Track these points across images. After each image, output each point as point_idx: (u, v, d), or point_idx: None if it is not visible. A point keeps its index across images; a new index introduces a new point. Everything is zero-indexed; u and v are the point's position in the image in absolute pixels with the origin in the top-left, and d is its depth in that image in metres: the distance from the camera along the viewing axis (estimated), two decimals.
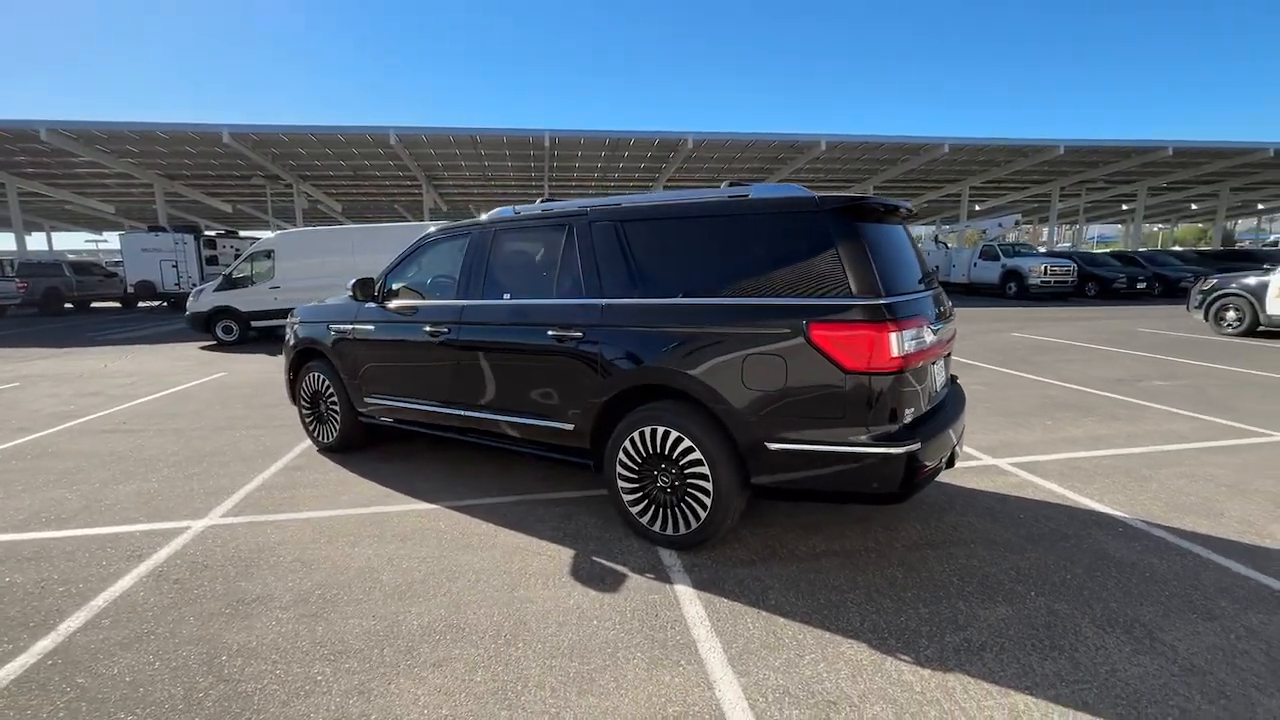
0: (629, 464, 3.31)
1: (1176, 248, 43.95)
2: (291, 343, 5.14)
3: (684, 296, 3.11)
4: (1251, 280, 10.55)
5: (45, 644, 2.54)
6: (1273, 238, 57.43)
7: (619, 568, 3.09)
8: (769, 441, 2.86)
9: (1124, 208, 40.88)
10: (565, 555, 3.23)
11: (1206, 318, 11.14)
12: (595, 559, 3.19)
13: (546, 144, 22.02)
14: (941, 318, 3.22)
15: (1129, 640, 2.46)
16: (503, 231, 3.95)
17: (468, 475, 4.43)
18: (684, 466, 3.12)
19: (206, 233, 24.08)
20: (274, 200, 27.58)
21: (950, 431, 3.07)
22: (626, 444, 3.29)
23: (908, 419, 2.76)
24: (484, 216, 4.13)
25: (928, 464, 2.80)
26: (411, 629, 2.60)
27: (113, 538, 3.52)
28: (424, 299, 4.37)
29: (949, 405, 3.29)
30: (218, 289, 12.60)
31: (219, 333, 12.43)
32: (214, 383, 8.24)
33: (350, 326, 4.61)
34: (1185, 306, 12.23)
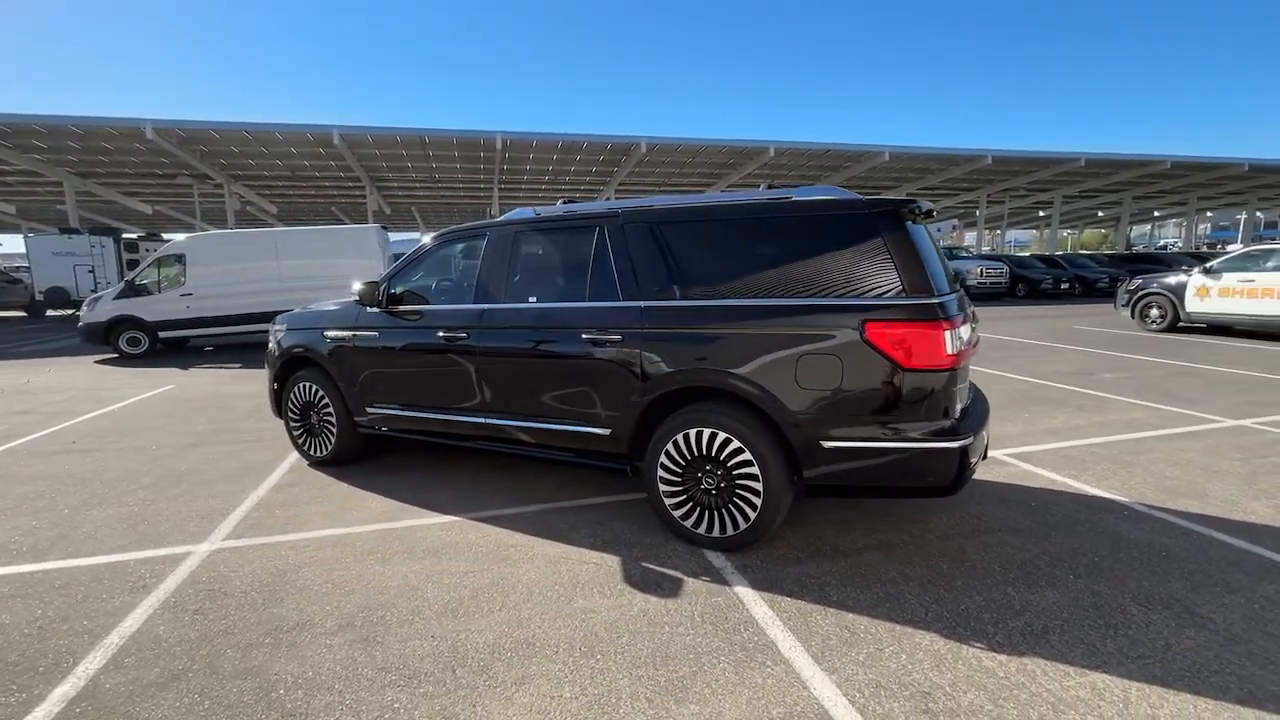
0: (671, 467, 3.28)
1: (1084, 251, 47.65)
2: (277, 352, 4.82)
3: (729, 298, 3.12)
4: (1172, 280, 11.52)
5: (65, 690, 2.28)
6: (1162, 242, 63.40)
7: (671, 572, 3.06)
8: (824, 440, 2.90)
9: (1041, 214, 43.92)
10: (612, 562, 3.17)
11: (1133, 315, 12.08)
12: (644, 564, 3.14)
13: (499, 146, 21.62)
14: (968, 319, 3.35)
15: (1171, 615, 2.63)
16: (524, 233, 3.84)
17: (480, 485, 4.28)
18: (732, 468, 3.12)
19: (126, 235, 22.36)
20: (202, 201, 25.87)
21: (984, 427, 3.20)
22: (669, 447, 3.26)
23: (957, 414, 2.86)
24: (500, 218, 4.00)
25: (973, 458, 2.91)
26: (478, 647, 2.49)
27: (106, 568, 3.20)
28: (434, 303, 4.20)
29: (976, 402, 3.43)
30: (118, 296, 11.42)
31: (123, 345, 11.27)
32: (164, 397, 7.64)
33: (350, 333, 4.38)
34: (1112, 305, 13.24)
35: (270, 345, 4.98)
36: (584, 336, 3.44)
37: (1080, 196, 36.93)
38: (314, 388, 4.61)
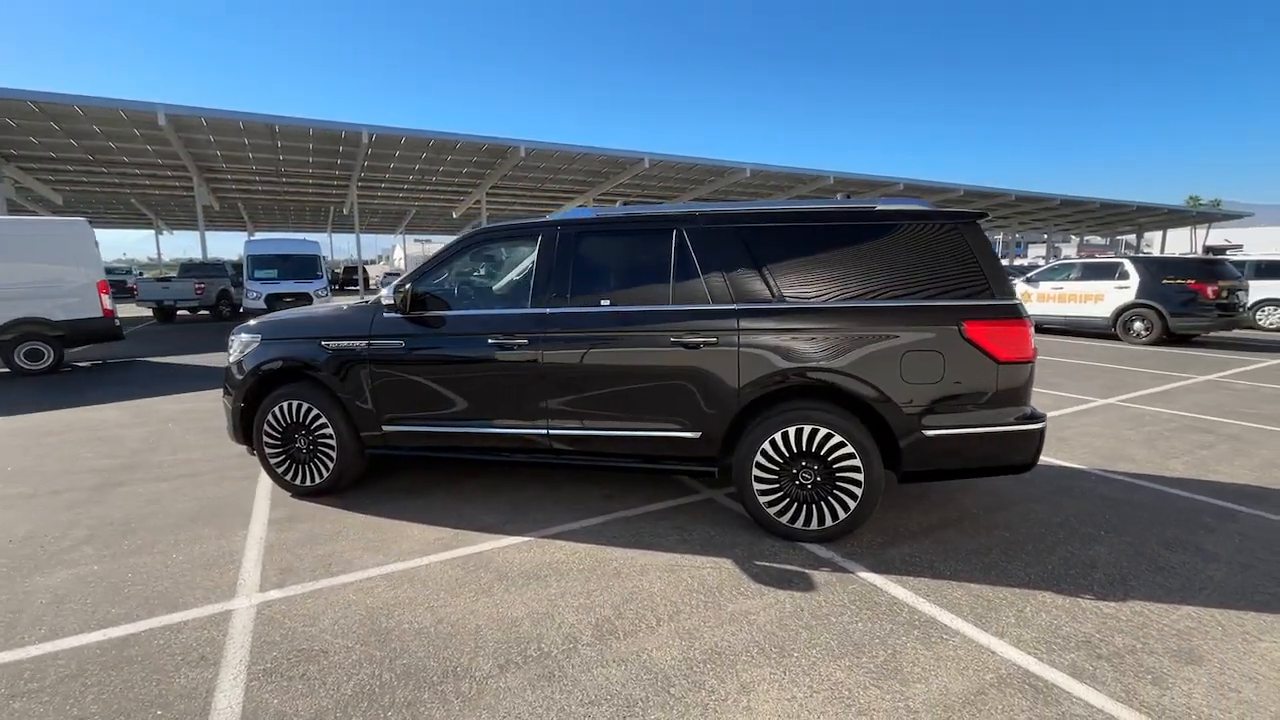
0: (767, 465, 3.36)
1: None
2: (247, 366, 4.07)
3: (826, 300, 3.28)
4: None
5: None
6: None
7: (791, 567, 3.13)
8: (926, 429, 3.17)
9: None
10: (726, 565, 3.17)
11: None
12: (757, 563, 3.18)
13: (364, 140, 19.80)
14: None
15: (1191, 554, 3.26)
16: (585, 235, 3.68)
17: (519, 502, 4.00)
18: (832, 461, 3.28)
19: None
20: None
21: None
22: (765, 445, 3.34)
23: (1032, 400, 3.29)
24: (554, 216, 3.79)
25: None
26: (670, 664, 2.37)
27: (123, 643, 2.52)
28: (467, 308, 3.86)
29: None
30: None
31: None
32: None
33: (361, 343, 3.85)
34: None
35: (233, 358, 4.20)
36: (673, 340, 3.40)
37: None
38: (304, 406, 3.97)
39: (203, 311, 19.66)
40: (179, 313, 19.13)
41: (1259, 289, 14.15)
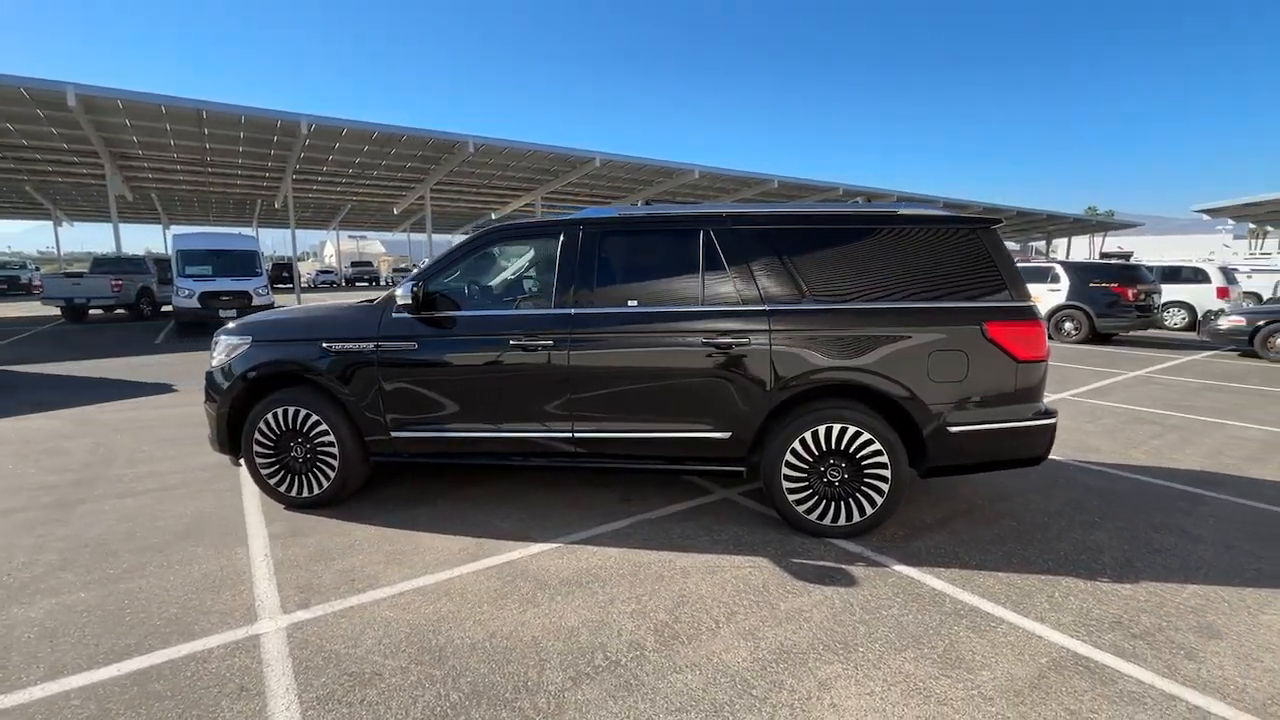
0: (797, 464, 3.42)
1: None
2: (235, 371, 3.78)
3: (855, 301, 3.36)
4: None
5: None
6: None
7: (828, 563, 3.19)
8: (950, 426, 3.31)
9: None
10: (764, 564, 3.19)
11: None
12: (794, 560, 3.23)
13: (303, 131, 18.73)
14: None
15: (1178, 536, 3.53)
16: (610, 234, 3.62)
17: (533, 508, 3.90)
18: (860, 459, 3.36)
19: None
20: None
21: None
22: (795, 445, 3.39)
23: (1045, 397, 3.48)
24: (575, 215, 3.70)
25: None
26: (742, 665, 2.37)
27: (143, 676, 2.29)
28: (482, 308, 3.73)
29: None
30: None
31: None
32: None
33: (369, 344, 3.64)
34: None
35: (217, 362, 3.88)
36: (704, 341, 3.39)
37: None
38: (303, 413, 3.73)
39: (120, 311, 18.09)
40: (92, 312, 17.50)
41: (1165, 293, 15.54)
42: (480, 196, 31.89)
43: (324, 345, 3.70)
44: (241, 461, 3.91)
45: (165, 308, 18.91)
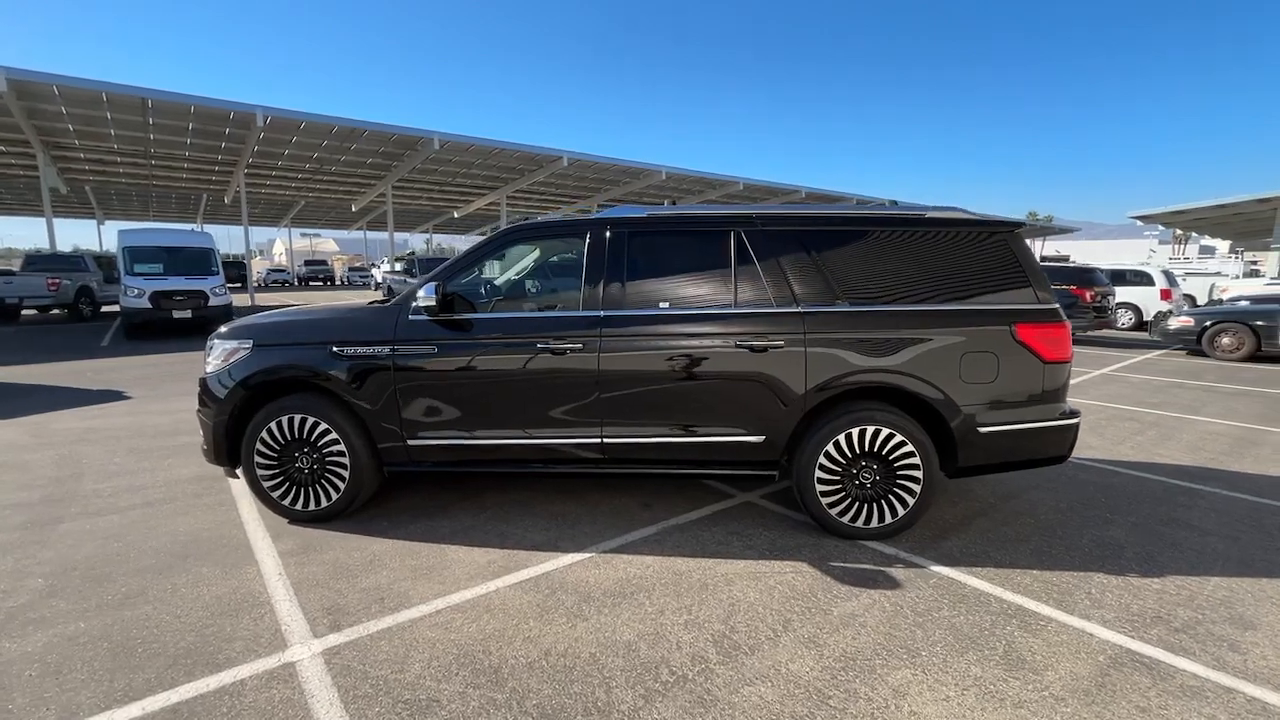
0: (830, 466, 3.40)
1: None
2: (239, 376, 3.54)
3: (887, 303, 3.37)
4: None
5: None
6: None
7: (868, 566, 3.19)
8: (980, 426, 3.35)
9: None
10: (805, 568, 3.16)
11: None
12: (833, 564, 3.21)
13: (258, 123, 17.91)
14: None
15: (1187, 530, 3.67)
16: (639, 234, 3.53)
17: (557, 517, 3.78)
18: (893, 461, 3.38)
19: None
20: None
21: None
22: (829, 447, 3.38)
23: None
24: (600, 214, 3.60)
25: None
26: (811, 674, 2.33)
27: (165, 716, 2.09)
28: (511, 310, 3.60)
29: None
30: None
31: None
32: None
33: (385, 348, 3.46)
34: None
35: (214, 368, 3.62)
36: (738, 344, 3.35)
37: None
38: (311, 421, 3.51)
39: (56, 311, 16.92)
40: (24, 312, 16.30)
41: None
42: (443, 195, 31.22)
43: (334, 349, 3.49)
44: (239, 473, 3.67)
45: (107, 308, 17.82)
